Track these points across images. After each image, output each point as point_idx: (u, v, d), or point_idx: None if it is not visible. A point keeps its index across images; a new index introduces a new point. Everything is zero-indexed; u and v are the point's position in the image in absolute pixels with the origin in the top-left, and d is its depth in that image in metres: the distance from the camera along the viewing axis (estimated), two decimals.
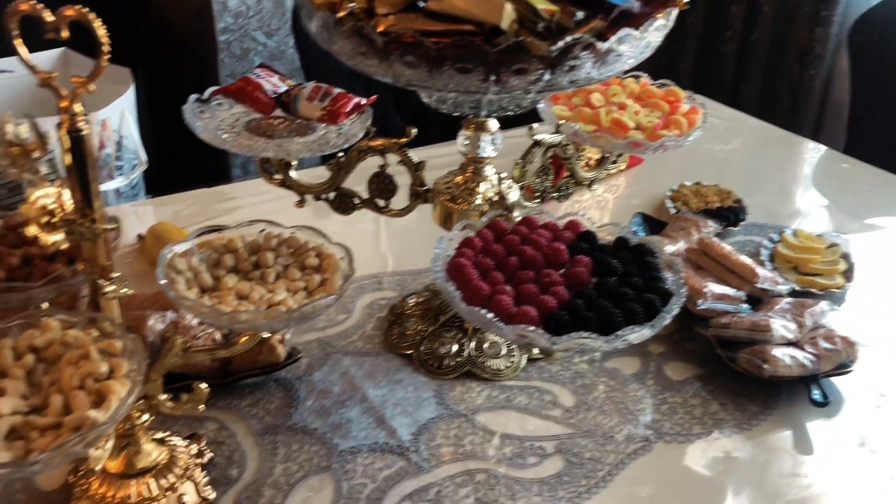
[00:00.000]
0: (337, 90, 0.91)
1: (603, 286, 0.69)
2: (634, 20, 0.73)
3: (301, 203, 0.94)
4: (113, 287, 0.67)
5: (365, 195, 0.94)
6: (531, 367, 0.93)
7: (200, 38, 1.60)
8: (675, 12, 0.76)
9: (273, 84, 0.94)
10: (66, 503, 0.74)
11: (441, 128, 1.28)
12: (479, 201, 0.87)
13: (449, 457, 0.81)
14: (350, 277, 0.72)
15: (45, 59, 1.33)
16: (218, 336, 0.89)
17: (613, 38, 0.70)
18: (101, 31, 0.60)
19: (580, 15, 0.72)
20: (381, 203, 0.94)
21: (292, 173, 0.93)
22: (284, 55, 1.67)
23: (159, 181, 1.54)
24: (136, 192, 1.43)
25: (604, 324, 0.65)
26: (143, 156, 1.27)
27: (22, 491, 0.76)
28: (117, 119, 1.21)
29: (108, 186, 1.23)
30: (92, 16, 0.59)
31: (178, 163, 1.62)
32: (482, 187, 0.88)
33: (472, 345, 0.92)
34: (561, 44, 0.68)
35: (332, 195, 0.94)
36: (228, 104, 0.93)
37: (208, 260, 0.75)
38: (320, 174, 0.94)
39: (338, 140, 0.87)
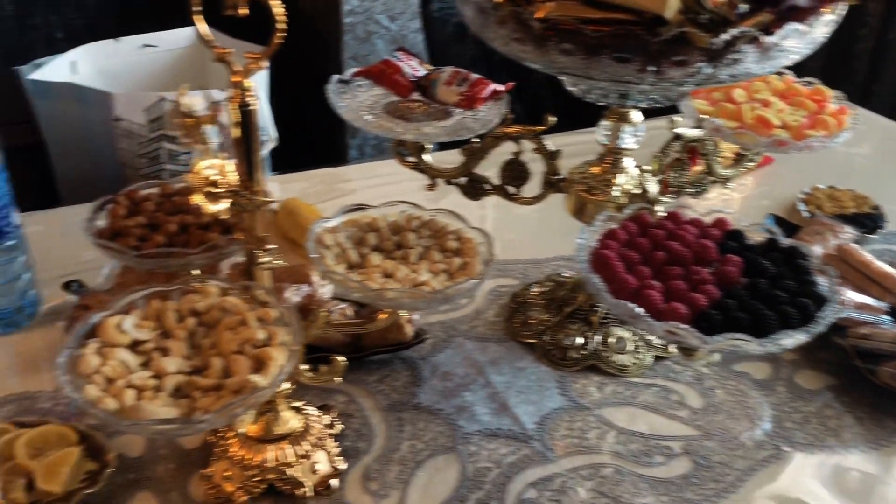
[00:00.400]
0: (475, 76, 0.92)
1: (755, 287, 0.67)
2: (801, 14, 0.70)
3: (432, 186, 0.95)
4: (268, 258, 0.69)
5: (495, 181, 0.94)
6: (657, 366, 0.91)
7: (326, 20, 1.63)
8: (845, 7, 0.72)
9: (412, 67, 0.95)
10: (205, 461, 0.77)
11: (559, 117, 1.27)
12: (616, 193, 0.86)
13: (573, 449, 0.81)
14: (490, 262, 0.72)
15: (183, 35, 1.39)
16: (349, 312, 0.91)
17: (780, 33, 0.68)
18: (278, 9, 0.61)
19: (743, 7, 0.70)
20: (512, 190, 0.94)
21: (426, 157, 0.94)
22: (406, 39, 1.69)
23: (281, 159, 1.58)
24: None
25: (757, 326, 0.63)
26: (274, 133, 1.31)
27: (165, 447, 0.80)
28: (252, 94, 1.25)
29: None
30: None
31: (297, 141, 1.66)
32: (620, 179, 0.87)
33: (598, 339, 0.91)
34: (726, 36, 0.66)
35: (463, 180, 0.95)
36: (367, 86, 0.95)
37: (353, 237, 0.76)
38: (443, 158, 0.94)
39: (475, 125, 0.88)
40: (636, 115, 0.85)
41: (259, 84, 1.28)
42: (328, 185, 1.27)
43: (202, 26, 0.65)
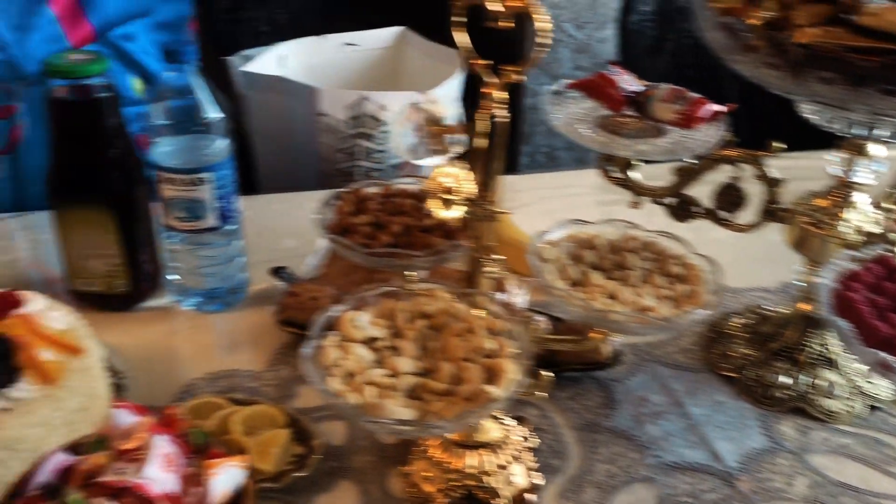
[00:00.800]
0: (693, 94, 0.89)
1: None
2: None
3: (636, 204, 0.93)
4: (494, 268, 0.69)
5: (705, 203, 0.91)
6: (871, 416, 0.85)
7: (515, 25, 1.64)
8: None
9: (626, 82, 0.94)
10: (402, 457, 0.79)
11: (757, 138, 1.22)
12: (845, 229, 0.81)
13: (778, 494, 0.77)
14: (721, 293, 0.70)
15: (384, 35, 1.43)
16: (544, 326, 0.90)
17: None
18: (543, 23, 0.61)
19: None
20: (724, 215, 0.91)
21: (632, 173, 0.92)
22: (590, 49, 1.67)
23: None
24: None
25: None
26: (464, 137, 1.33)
27: (365, 439, 0.82)
28: (448, 100, 1.27)
29: (426, 162, 1.31)
30: (535, 7, 0.61)
31: None
32: (850, 215, 0.82)
33: (806, 380, 0.87)
34: None
35: (671, 200, 0.92)
36: (578, 98, 0.94)
37: (570, 253, 0.76)
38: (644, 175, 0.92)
39: (694, 145, 0.85)
40: (877, 149, 0.80)
41: (454, 88, 1.30)
42: (511, 192, 1.27)
43: (462, 37, 0.66)
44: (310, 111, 1.23)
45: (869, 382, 0.87)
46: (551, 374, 0.74)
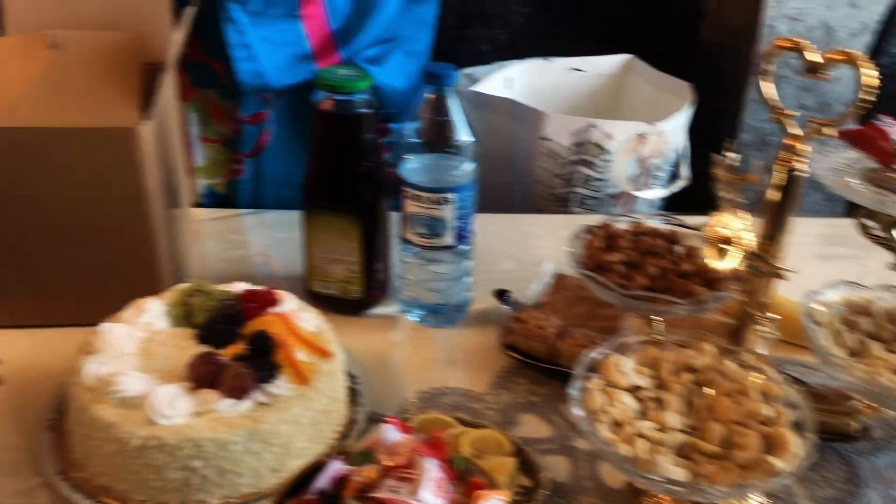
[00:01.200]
0: None
1: None
2: None
3: None
4: (768, 328, 0.66)
5: None
6: None
7: (735, 57, 1.58)
8: None
9: None
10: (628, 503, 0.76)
11: None
12: None
13: None
14: None
15: (611, 63, 1.41)
16: None
17: None
18: (869, 79, 0.57)
19: None
20: None
21: None
22: (817, 87, 1.58)
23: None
24: (655, 205, 1.45)
25: None
26: (687, 171, 1.29)
27: (589, 479, 0.80)
28: (674, 132, 1.23)
29: (644, 194, 1.28)
30: (862, 60, 0.58)
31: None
32: None
33: None
34: None
35: None
36: (838, 146, 0.88)
37: (843, 318, 0.71)
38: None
39: None
40: None
41: (683, 121, 1.26)
42: None
43: (768, 88, 0.62)
44: (533, 134, 1.23)
45: None
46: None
